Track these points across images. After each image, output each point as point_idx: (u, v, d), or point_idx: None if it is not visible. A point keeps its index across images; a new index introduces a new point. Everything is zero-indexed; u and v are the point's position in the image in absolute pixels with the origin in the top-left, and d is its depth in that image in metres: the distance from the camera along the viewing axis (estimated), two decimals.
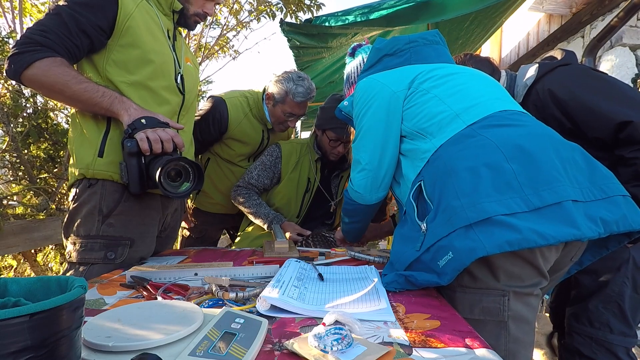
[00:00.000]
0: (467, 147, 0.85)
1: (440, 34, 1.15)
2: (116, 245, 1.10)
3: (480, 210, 0.74)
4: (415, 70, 1.03)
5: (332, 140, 1.63)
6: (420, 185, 0.90)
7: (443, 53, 1.11)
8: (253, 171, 1.74)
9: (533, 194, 0.74)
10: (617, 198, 0.80)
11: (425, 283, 0.82)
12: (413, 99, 0.99)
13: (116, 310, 0.65)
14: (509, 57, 4.13)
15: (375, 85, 1.04)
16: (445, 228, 0.78)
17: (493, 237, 0.72)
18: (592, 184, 0.80)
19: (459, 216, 0.76)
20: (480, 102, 0.93)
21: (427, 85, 0.99)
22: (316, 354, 0.54)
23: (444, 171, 0.84)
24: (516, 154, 0.79)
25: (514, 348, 0.80)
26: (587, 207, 0.76)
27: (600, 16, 2.76)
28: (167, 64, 1.18)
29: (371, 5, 2.34)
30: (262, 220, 1.66)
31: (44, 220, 1.91)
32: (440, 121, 0.93)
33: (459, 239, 0.75)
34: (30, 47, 0.98)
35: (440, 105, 0.94)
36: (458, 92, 0.96)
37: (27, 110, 2.21)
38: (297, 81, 1.65)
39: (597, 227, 0.74)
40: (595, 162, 0.85)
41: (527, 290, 0.80)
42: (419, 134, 0.97)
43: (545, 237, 0.70)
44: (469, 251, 0.73)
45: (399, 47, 1.10)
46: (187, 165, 1.08)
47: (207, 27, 3.97)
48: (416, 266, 0.85)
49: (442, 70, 1.02)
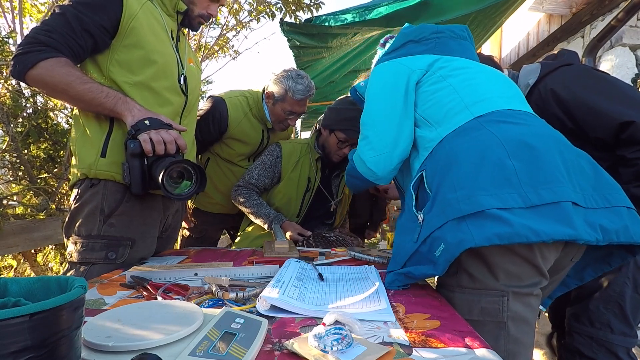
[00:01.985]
0: (470, 140, 0.84)
1: (469, 30, 1.13)
2: (117, 245, 1.10)
3: (474, 203, 0.74)
4: (435, 57, 1.03)
5: (341, 141, 1.62)
6: (422, 175, 0.90)
7: (468, 49, 1.09)
8: (253, 171, 1.74)
9: (532, 191, 0.74)
10: (621, 209, 0.79)
11: (422, 276, 0.83)
12: (428, 83, 0.99)
13: (116, 310, 0.65)
14: (509, 57, 4.13)
15: (396, 65, 1.04)
16: (439, 219, 0.78)
17: (483, 229, 0.72)
18: (596, 192, 0.79)
19: (452, 208, 0.76)
20: (491, 98, 0.93)
21: (444, 73, 0.98)
22: (316, 354, 0.54)
23: (445, 162, 0.84)
24: (519, 151, 0.78)
25: (513, 349, 0.79)
26: (587, 213, 0.75)
27: (600, 16, 2.76)
28: (170, 65, 1.18)
29: (369, 5, 2.34)
30: (263, 220, 1.66)
31: (44, 220, 1.92)
32: (449, 111, 0.92)
33: (451, 231, 0.75)
34: (35, 47, 0.98)
35: (452, 94, 0.94)
36: (471, 85, 0.96)
37: (27, 110, 2.21)
38: (296, 79, 1.66)
39: (596, 233, 0.74)
40: (602, 171, 0.84)
41: (526, 290, 0.79)
42: (426, 122, 0.96)
43: (537, 233, 0.70)
44: (458, 242, 0.73)
45: (425, 35, 1.09)
46: (190, 167, 1.08)
47: (207, 27, 3.97)
48: (415, 258, 0.85)
49: (459, 62, 1.01)
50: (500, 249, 0.77)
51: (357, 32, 2.60)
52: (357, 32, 2.60)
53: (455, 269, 0.84)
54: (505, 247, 0.76)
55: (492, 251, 0.78)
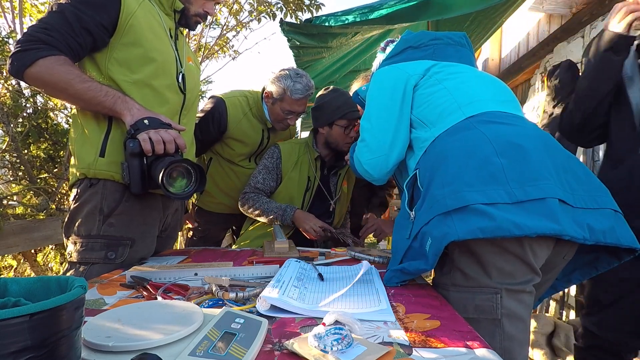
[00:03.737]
0: (460, 139, 0.87)
1: (467, 37, 1.18)
2: (117, 245, 1.10)
3: (459, 199, 0.76)
4: (432, 62, 1.07)
5: (345, 127, 1.62)
6: (415, 174, 0.93)
7: (465, 55, 1.13)
8: (258, 176, 1.74)
9: (518, 187, 0.75)
10: (608, 211, 0.81)
11: (416, 271, 0.84)
12: (424, 86, 1.02)
13: (116, 310, 0.65)
14: (509, 57, 4.13)
15: (395, 71, 1.07)
16: (427, 215, 0.80)
17: (467, 223, 0.73)
18: (587, 193, 0.81)
19: (439, 204, 0.78)
20: (483, 99, 0.96)
21: (439, 77, 1.02)
22: (316, 354, 0.54)
23: (436, 160, 0.87)
24: (507, 149, 0.80)
25: (509, 346, 0.80)
26: (576, 212, 0.77)
27: (600, 16, 2.75)
28: (169, 63, 1.18)
29: (371, 6, 2.34)
30: (275, 212, 1.64)
31: (44, 220, 1.91)
32: (443, 111, 0.95)
33: (437, 225, 0.77)
34: (34, 45, 0.98)
35: (447, 96, 0.97)
36: (464, 87, 0.99)
37: (27, 110, 2.20)
38: (294, 78, 1.65)
39: (583, 231, 0.75)
40: (592, 174, 0.86)
41: (519, 287, 0.80)
42: (421, 122, 1.00)
43: (520, 227, 0.71)
44: (443, 236, 0.75)
45: (423, 41, 1.13)
46: (190, 167, 1.08)
47: (207, 27, 3.97)
48: (410, 254, 0.87)
49: (455, 68, 1.05)
50: (492, 247, 0.78)
51: (357, 32, 2.60)
52: (357, 32, 2.60)
53: (449, 268, 0.86)
54: (497, 244, 0.78)
55: (484, 249, 0.79)
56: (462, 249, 0.81)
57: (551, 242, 0.81)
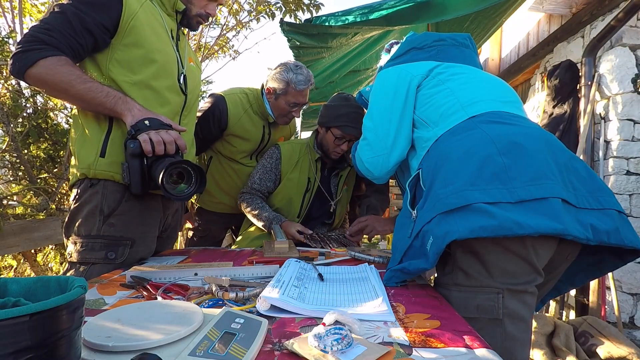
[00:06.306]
0: (463, 138, 0.87)
1: (472, 38, 1.18)
2: (117, 245, 1.10)
3: (462, 197, 0.76)
4: (435, 63, 1.07)
5: (337, 138, 1.62)
6: (418, 173, 0.92)
7: (469, 56, 1.14)
8: (255, 176, 1.74)
9: (520, 187, 0.75)
10: (612, 212, 0.80)
11: (416, 271, 0.84)
12: (427, 86, 1.03)
13: (116, 310, 0.65)
14: (509, 57, 4.13)
15: (398, 71, 1.08)
16: (430, 213, 0.80)
17: (468, 222, 0.73)
18: (590, 194, 0.81)
19: (442, 202, 0.78)
20: (486, 100, 0.96)
21: (442, 77, 1.02)
22: (316, 354, 0.54)
23: (439, 160, 0.87)
24: (510, 149, 0.80)
25: (510, 346, 0.80)
26: (579, 212, 0.77)
27: (600, 16, 2.76)
28: (170, 64, 1.18)
29: (371, 6, 2.34)
30: (263, 223, 1.66)
31: (44, 220, 1.91)
32: (446, 111, 0.96)
33: (439, 224, 0.77)
34: (35, 45, 0.98)
35: (449, 96, 0.97)
36: (467, 87, 0.99)
37: (27, 110, 2.21)
38: (295, 70, 1.67)
39: (586, 231, 0.74)
40: (595, 174, 0.86)
41: (521, 288, 0.80)
42: (424, 122, 1.00)
43: (522, 226, 0.71)
44: (444, 234, 0.75)
45: (427, 43, 1.14)
46: (190, 168, 1.08)
47: (207, 27, 3.97)
48: (410, 253, 0.86)
49: (458, 68, 1.05)
50: (494, 247, 0.78)
51: (358, 32, 2.60)
52: (358, 32, 2.60)
53: (452, 268, 0.85)
54: (500, 244, 0.77)
55: (486, 249, 0.79)
56: (465, 248, 0.81)
57: (554, 242, 0.81)
